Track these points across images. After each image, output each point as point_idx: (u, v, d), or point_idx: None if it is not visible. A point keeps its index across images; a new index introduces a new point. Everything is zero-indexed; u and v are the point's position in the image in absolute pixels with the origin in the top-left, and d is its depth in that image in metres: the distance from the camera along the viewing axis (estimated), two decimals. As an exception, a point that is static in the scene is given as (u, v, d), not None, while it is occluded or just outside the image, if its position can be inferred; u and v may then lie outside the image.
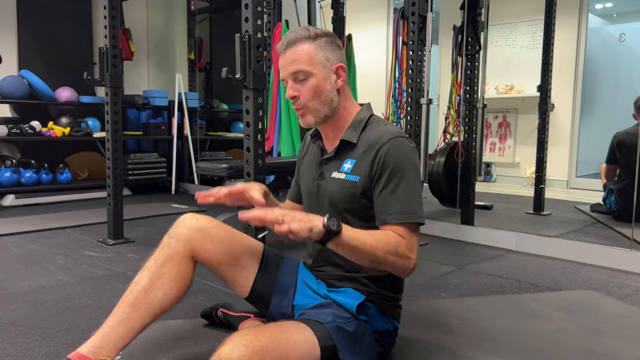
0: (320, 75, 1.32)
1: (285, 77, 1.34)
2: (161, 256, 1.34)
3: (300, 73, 1.31)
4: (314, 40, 1.32)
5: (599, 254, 2.69)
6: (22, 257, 2.67)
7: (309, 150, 1.51)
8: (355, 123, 1.37)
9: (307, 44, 1.32)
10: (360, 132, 1.35)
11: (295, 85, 1.33)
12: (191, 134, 5.40)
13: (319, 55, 1.32)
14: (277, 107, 3.96)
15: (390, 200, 1.25)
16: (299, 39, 1.32)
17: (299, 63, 1.31)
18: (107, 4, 2.89)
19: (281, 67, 1.35)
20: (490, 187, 5.65)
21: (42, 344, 1.62)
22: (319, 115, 1.34)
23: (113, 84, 2.93)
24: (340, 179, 1.34)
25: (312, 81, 1.31)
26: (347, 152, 1.36)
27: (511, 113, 5.93)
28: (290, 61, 1.32)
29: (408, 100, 2.95)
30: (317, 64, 1.32)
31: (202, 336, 1.66)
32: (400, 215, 1.23)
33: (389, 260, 1.19)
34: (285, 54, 1.34)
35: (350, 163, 1.34)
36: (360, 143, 1.34)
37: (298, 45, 1.32)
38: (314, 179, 1.42)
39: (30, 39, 4.81)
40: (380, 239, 1.19)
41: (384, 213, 1.26)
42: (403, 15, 3.07)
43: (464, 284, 2.33)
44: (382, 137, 1.30)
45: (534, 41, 5.66)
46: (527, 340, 1.69)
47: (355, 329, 1.26)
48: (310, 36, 1.32)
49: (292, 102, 1.36)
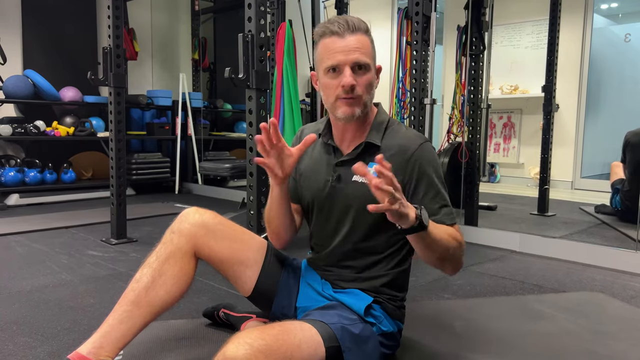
0: (373, 72, 1.30)
1: (344, 63, 1.24)
2: (163, 252, 1.32)
3: (364, 64, 1.26)
4: (369, 35, 1.29)
5: (603, 255, 2.67)
6: (26, 256, 2.67)
7: (309, 149, 1.44)
8: (377, 125, 1.35)
9: (366, 36, 1.27)
10: (383, 135, 1.34)
11: (353, 75, 1.25)
12: (195, 133, 5.40)
13: (374, 51, 1.30)
14: (280, 107, 3.95)
15: (435, 204, 1.29)
16: (360, 29, 1.26)
17: (364, 54, 1.25)
18: (110, 3, 2.89)
19: (338, 51, 1.25)
20: (494, 188, 5.63)
21: (44, 344, 1.62)
22: (364, 110, 1.30)
23: (116, 84, 2.93)
24: (364, 183, 1.28)
25: (369, 75, 1.28)
26: (370, 155, 1.31)
27: (516, 113, 5.91)
28: (354, 48, 1.24)
29: (412, 101, 2.94)
30: (373, 60, 1.29)
31: (204, 336, 1.66)
32: (448, 216, 1.29)
33: (456, 255, 1.24)
34: (345, 38, 1.25)
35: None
36: (385, 146, 1.32)
37: (360, 34, 1.26)
38: (327, 181, 1.37)
39: (35, 39, 4.82)
40: (451, 235, 1.23)
41: (432, 217, 1.25)
42: (407, 15, 3.05)
43: (467, 285, 2.32)
44: (411, 143, 1.31)
45: (538, 41, 5.64)
46: (530, 342, 1.68)
47: (361, 331, 1.25)
48: (368, 29, 1.28)
49: (342, 90, 1.26)
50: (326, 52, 1.27)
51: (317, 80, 1.34)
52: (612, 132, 4.02)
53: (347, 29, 1.25)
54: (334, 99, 1.29)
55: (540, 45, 5.52)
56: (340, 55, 1.25)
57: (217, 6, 6.19)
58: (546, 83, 3.95)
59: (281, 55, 3.89)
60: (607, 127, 5.59)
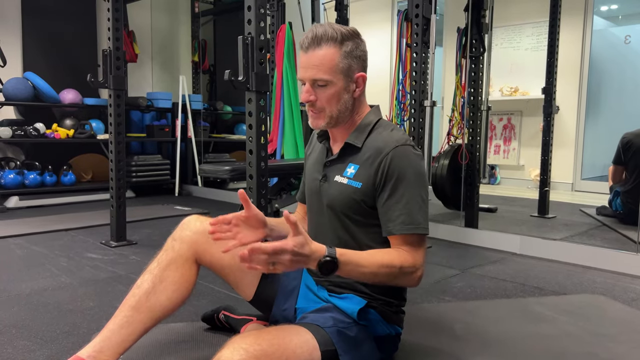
0: (340, 85, 1.27)
1: (304, 79, 1.27)
2: (164, 259, 1.33)
3: (320, 81, 1.25)
4: (340, 45, 1.24)
5: (604, 257, 2.67)
6: (25, 259, 2.67)
7: (315, 150, 1.49)
8: (362, 127, 1.34)
9: (332, 48, 1.24)
10: (366, 137, 1.33)
11: (312, 90, 1.27)
12: (195, 135, 5.40)
13: (342, 64, 1.25)
14: (280, 109, 3.95)
15: (394, 211, 1.24)
16: (325, 40, 1.24)
17: (320, 71, 1.24)
18: (110, 6, 2.89)
19: (301, 66, 1.28)
20: (494, 190, 5.62)
21: (43, 347, 1.61)
22: (331, 121, 1.31)
23: (116, 86, 2.93)
24: (342, 183, 1.32)
25: (331, 90, 1.26)
26: (350, 156, 1.33)
27: (516, 115, 5.90)
28: (312, 65, 1.25)
29: (412, 103, 2.94)
30: (339, 73, 1.25)
31: (204, 339, 1.65)
32: (405, 225, 1.23)
33: (395, 281, 1.22)
34: (307, 54, 1.26)
35: (353, 168, 1.31)
36: (365, 148, 1.31)
37: (323, 47, 1.24)
38: (317, 180, 1.39)
39: (35, 41, 4.82)
40: (383, 264, 1.17)
41: (389, 223, 1.25)
42: (407, 17, 3.05)
43: (467, 287, 2.32)
44: (386, 145, 1.27)
45: (538, 43, 5.64)
46: (531, 345, 1.67)
47: (356, 334, 1.25)
48: (337, 39, 1.24)
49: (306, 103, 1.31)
50: (298, 64, 1.31)
51: None
52: (612, 134, 4.01)
53: (310, 44, 1.25)
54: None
55: (540, 47, 5.53)
56: (301, 70, 1.28)
57: (217, 8, 6.20)
58: (546, 85, 3.94)
59: (281, 58, 3.89)
60: (607, 129, 5.58)
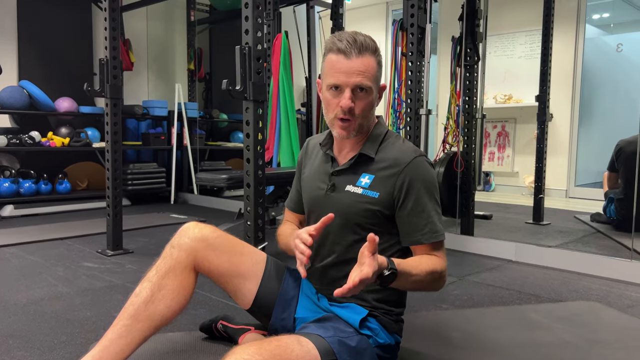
0: (374, 94, 1.30)
1: (346, 84, 1.24)
2: (163, 267, 1.33)
3: (365, 88, 1.25)
4: (377, 56, 1.27)
5: (599, 264, 2.69)
6: (21, 269, 2.66)
7: (312, 157, 1.49)
8: (374, 137, 1.36)
9: (373, 57, 1.26)
10: (378, 147, 1.35)
11: (352, 97, 1.26)
12: (191, 143, 5.40)
13: (378, 73, 1.28)
14: (276, 118, 3.96)
15: (420, 220, 1.29)
16: (368, 49, 1.25)
17: (367, 77, 1.25)
18: (107, 15, 2.90)
19: (341, 72, 1.24)
20: (489, 197, 5.65)
21: (41, 357, 1.61)
22: (361, 130, 1.32)
23: (113, 95, 2.94)
24: (356, 193, 1.33)
25: (370, 98, 1.28)
26: (363, 166, 1.34)
27: (510, 123, 5.95)
28: (357, 71, 1.24)
29: (407, 111, 2.96)
30: (375, 82, 1.29)
31: (202, 349, 1.65)
32: (432, 234, 1.29)
33: (432, 286, 1.28)
34: (351, 59, 1.23)
35: (368, 178, 1.33)
36: (379, 158, 1.33)
37: (367, 56, 1.24)
38: (322, 189, 1.39)
39: (31, 49, 4.82)
40: (428, 270, 1.23)
41: (416, 233, 1.29)
42: (402, 27, 3.08)
43: (464, 295, 2.33)
44: (405, 156, 1.31)
45: (532, 51, 5.69)
46: (528, 352, 1.68)
47: (357, 344, 1.25)
48: (376, 50, 1.27)
49: (340, 110, 1.27)
50: (330, 69, 1.27)
51: (321, 90, 1.35)
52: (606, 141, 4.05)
53: (354, 49, 1.23)
54: (332, 115, 1.31)
55: (534, 55, 5.58)
56: (342, 76, 1.25)
57: (213, 17, 6.22)
58: (540, 92, 3.98)
59: (277, 66, 3.91)
60: (600, 136, 5.63)
